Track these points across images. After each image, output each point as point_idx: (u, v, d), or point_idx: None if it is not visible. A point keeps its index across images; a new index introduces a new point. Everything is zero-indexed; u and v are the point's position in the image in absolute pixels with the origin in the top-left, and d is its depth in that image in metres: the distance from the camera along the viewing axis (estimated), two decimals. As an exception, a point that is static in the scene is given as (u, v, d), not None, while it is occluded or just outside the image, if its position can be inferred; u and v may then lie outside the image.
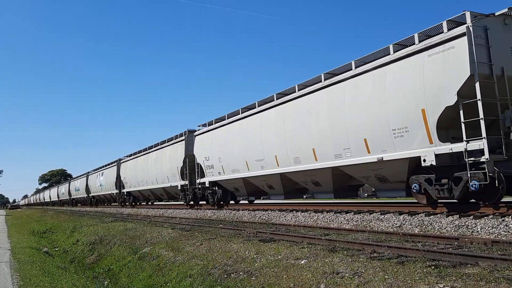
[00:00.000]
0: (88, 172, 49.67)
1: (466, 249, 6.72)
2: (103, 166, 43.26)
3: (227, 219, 16.49)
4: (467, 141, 9.13)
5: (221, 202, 20.83)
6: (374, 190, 13.01)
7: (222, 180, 19.56)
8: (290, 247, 8.04)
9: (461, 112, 9.21)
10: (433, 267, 5.51)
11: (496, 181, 8.79)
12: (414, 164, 10.47)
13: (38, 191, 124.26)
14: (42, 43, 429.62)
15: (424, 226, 9.53)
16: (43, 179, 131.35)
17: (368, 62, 11.65)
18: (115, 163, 37.53)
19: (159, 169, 26.98)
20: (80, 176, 55.92)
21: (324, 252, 7.26)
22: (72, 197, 59.37)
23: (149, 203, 34.69)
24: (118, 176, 36.30)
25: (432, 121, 9.75)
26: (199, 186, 21.74)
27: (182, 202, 25.15)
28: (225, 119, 19.31)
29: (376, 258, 6.42)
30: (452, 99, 9.27)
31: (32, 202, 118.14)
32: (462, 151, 9.24)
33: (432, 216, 9.91)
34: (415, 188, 10.54)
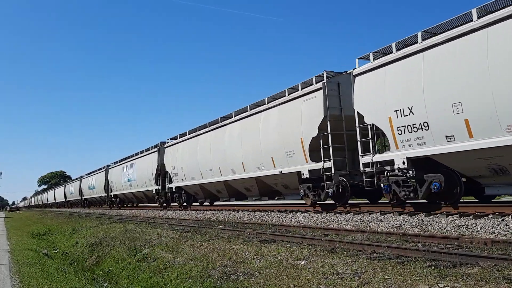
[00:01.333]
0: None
1: (466, 249, 6.71)
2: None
3: (226, 220, 16.48)
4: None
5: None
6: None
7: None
8: (290, 248, 8.02)
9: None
10: (433, 267, 5.50)
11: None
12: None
13: (37, 193, 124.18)
14: (42, 44, 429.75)
15: (424, 226, 9.53)
16: (42, 181, 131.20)
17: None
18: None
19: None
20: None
21: (324, 252, 7.25)
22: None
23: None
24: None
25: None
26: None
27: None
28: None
29: (376, 259, 6.41)
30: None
31: (32, 204, 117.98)
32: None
33: (432, 216, 9.92)
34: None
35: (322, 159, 13.24)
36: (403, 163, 10.57)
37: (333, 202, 14.02)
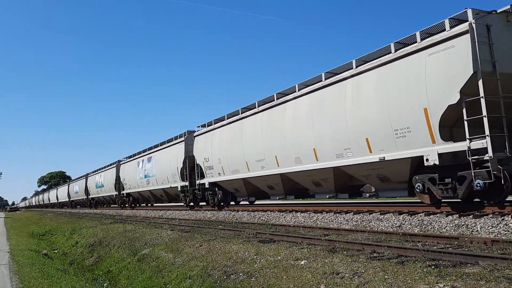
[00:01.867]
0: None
1: (466, 249, 6.72)
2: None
3: (226, 220, 16.47)
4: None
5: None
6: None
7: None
8: (290, 248, 8.02)
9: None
10: (433, 267, 5.50)
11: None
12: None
13: (37, 193, 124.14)
14: (41, 44, 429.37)
15: (423, 226, 9.52)
16: (42, 181, 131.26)
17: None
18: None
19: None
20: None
21: (324, 252, 7.25)
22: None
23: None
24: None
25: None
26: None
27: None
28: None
29: (376, 258, 6.41)
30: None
31: (32, 204, 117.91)
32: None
33: (432, 215, 9.91)
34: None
35: (467, 136, 9.09)
36: None
37: (478, 199, 10.24)
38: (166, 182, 25.92)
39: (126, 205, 35.73)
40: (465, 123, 9.11)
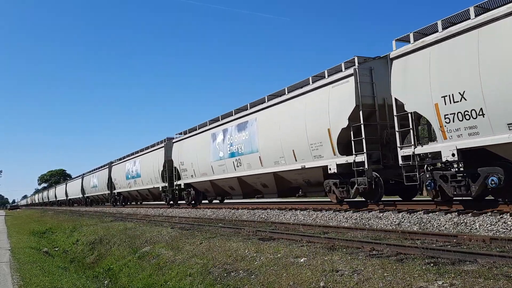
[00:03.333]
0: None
1: (464, 247, 6.74)
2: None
3: (226, 218, 16.52)
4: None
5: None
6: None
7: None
8: (290, 246, 8.05)
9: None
10: (432, 265, 5.53)
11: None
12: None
13: (37, 192, 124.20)
14: (41, 43, 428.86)
15: (422, 224, 9.56)
16: (42, 179, 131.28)
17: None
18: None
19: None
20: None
21: (323, 250, 7.28)
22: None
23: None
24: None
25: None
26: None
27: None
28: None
29: (375, 256, 6.44)
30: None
31: (32, 202, 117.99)
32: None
33: (431, 214, 9.94)
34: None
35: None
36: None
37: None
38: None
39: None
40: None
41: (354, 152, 12.02)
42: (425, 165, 10.46)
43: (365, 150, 11.72)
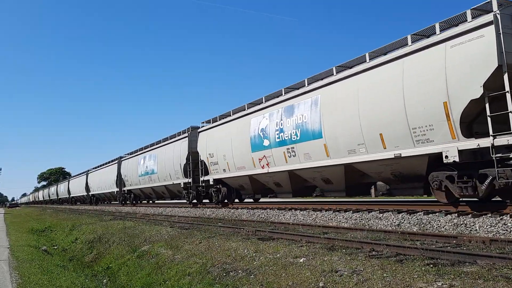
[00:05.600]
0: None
1: (464, 248, 6.73)
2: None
3: (226, 217, 16.50)
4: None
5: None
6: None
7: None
8: (289, 246, 8.04)
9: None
10: (431, 266, 5.52)
11: None
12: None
13: (37, 189, 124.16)
14: (40, 42, 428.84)
15: (422, 225, 9.55)
16: (41, 177, 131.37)
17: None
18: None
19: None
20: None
21: (323, 250, 7.27)
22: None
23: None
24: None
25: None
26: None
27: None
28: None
29: (375, 257, 6.43)
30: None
31: (32, 200, 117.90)
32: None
33: (431, 214, 9.93)
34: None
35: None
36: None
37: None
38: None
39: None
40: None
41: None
42: None
43: None
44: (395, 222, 10.22)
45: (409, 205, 11.92)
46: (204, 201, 23.04)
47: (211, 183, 20.39)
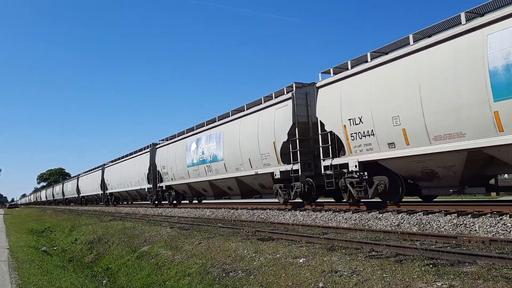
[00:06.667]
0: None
1: (464, 248, 6.73)
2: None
3: (225, 218, 16.51)
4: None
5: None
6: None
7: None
8: (289, 246, 8.04)
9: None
10: (431, 266, 5.52)
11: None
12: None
13: (36, 190, 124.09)
14: (40, 44, 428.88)
15: (422, 225, 9.55)
16: (41, 178, 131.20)
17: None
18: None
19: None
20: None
21: (322, 250, 7.27)
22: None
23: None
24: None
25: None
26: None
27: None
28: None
29: (375, 257, 6.43)
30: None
31: (31, 201, 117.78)
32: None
33: (430, 215, 9.95)
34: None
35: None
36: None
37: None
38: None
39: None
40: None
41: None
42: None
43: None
44: (394, 223, 10.23)
45: (409, 205, 11.93)
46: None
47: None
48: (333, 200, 16.98)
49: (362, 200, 13.03)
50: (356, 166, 12.11)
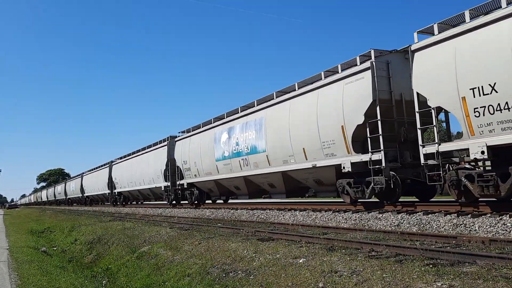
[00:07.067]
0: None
1: (464, 248, 6.73)
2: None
3: (225, 218, 16.50)
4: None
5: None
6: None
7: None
8: (289, 246, 8.04)
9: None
10: (431, 266, 5.52)
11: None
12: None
13: (36, 191, 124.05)
14: (41, 43, 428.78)
15: (422, 225, 9.55)
16: (41, 178, 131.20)
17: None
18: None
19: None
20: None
21: (322, 251, 7.27)
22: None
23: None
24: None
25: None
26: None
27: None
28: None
29: (374, 257, 6.42)
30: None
31: (31, 201, 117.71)
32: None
33: (430, 215, 9.94)
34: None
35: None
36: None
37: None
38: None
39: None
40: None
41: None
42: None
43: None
44: (394, 223, 10.23)
45: (409, 205, 11.91)
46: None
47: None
48: (416, 199, 13.07)
49: (482, 200, 9.83)
50: (483, 152, 8.76)
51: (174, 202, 25.77)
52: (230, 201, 24.31)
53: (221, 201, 24.07)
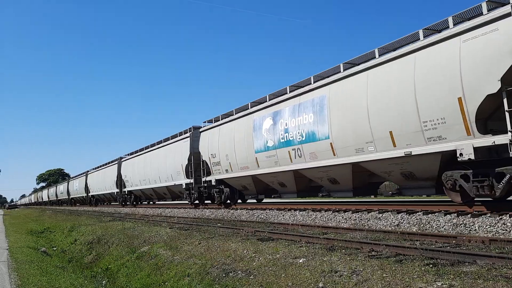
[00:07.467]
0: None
1: (464, 248, 6.73)
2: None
3: (225, 218, 16.48)
4: None
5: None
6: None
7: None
8: (288, 246, 8.04)
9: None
10: (431, 266, 5.52)
11: None
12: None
13: (36, 191, 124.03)
14: (42, 41, 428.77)
15: (422, 225, 9.54)
16: (41, 178, 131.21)
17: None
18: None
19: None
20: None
21: (322, 251, 7.27)
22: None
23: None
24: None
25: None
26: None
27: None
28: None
29: (374, 257, 6.42)
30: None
31: (31, 201, 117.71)
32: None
33: (430, 214, 9.93)
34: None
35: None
36: None
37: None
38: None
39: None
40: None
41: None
42: None
43: None
44: (394, 222, 10.22)
45: (409, 205, 11.91)
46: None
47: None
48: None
49: None
50: None
51: (196, 201, 22.41)
52: (266, 200, 20.91)
53: (254, 201, 20.68)
